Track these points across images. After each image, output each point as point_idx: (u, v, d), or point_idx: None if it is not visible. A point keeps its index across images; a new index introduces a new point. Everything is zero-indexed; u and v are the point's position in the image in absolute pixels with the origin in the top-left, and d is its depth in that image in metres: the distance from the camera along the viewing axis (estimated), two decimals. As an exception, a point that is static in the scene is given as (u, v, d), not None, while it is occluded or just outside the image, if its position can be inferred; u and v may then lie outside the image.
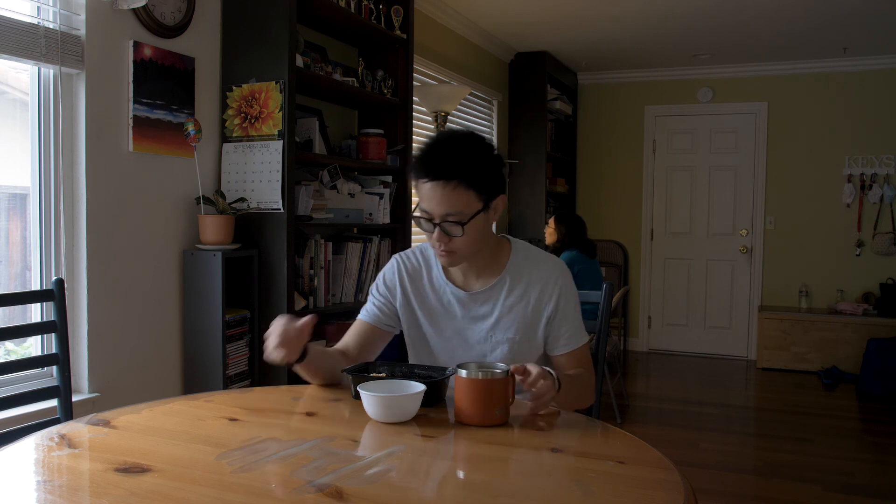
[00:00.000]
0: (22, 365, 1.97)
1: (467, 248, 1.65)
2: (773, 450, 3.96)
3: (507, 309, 1.72)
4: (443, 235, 1.62)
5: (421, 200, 1.64)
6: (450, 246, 1.64)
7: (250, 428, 1.37)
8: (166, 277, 2.68)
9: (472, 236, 1.63)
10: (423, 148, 1.65)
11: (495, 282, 1.73)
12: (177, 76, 2.66)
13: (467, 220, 1.60)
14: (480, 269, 1.75)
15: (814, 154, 6.19)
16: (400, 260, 1.83)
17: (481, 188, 1.61)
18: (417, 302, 1.79)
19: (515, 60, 5.88)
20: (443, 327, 1.77)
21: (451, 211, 1.59)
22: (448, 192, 1.58)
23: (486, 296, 1.74)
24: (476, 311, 1.74)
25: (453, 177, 1.58)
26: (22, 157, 2.34)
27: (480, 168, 1.62)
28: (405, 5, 3.60)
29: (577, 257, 4.38)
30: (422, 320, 1.79)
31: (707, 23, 4.94)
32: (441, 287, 1.77)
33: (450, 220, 1.60)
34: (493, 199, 1.65)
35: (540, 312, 1.72)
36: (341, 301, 3.25)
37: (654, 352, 6.72)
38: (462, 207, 1.59)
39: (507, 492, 1.13)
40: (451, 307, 1.76)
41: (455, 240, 1.63)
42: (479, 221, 1.63)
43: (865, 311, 5.83)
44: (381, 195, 3.49)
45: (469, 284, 1.76)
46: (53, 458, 1.22)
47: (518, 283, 1.73)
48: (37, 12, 2.26)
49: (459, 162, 1.59)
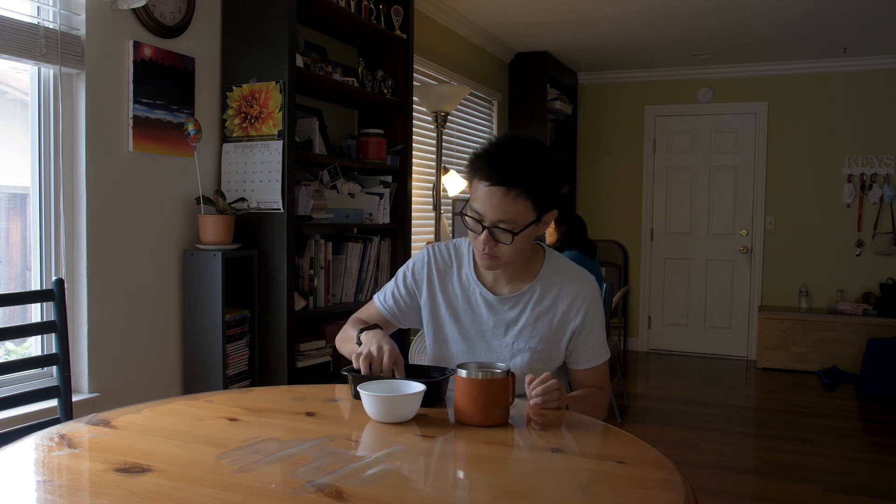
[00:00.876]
0: (22, 365, 1.97)
1: (512, 255, 1.63)
2: (773, 450, 3.96)
3: (534, 318, 1.71)
4: (490, 240, 1.60)
5: (474, 200, 1.60)
6: (494, 251, 1.62)
7: (250, 428, 1.37)
8: (166, 277, 2.68)
9: (519, 246, 1.62)
10: (488, 149, 1.61)
11: (526, 289, 1.72)
12: (177, 76, 2.66)
13: (519, 231, 1.58)
14: (513, 275, 1.73)
15: (814, 154, 6.19)
16: (432, 252, 1.81)
17: (539, 201, 1.58)
18: (443, 297, 1.78)
19: (515, 60, 5.88)
20: (466, 327, 1.76)
21: (505, 218, 1.57)
22: (507, 200, 1.55)
23: (515, 301, 1.72)
24: (502, 315, 1.73)
25: (516, 185, 1.54)
26: (22, 157, 2.34)
27: (543, 181, 1.59)
28: (405, 5, 3.60)
29: (576, 257, 4.38)
30: (445, 317, 1.78)
31: (707, 23, 4.94)
32: (470, 286, 1.76)
33: (501, 227, 1.58)
34: (547, 213, 1.63)
35: (565, 325, 1.71)
36: (341, 301, 3.25)
37: (654, 352, 6.72)
38: (517, 217, 1.57)
39: (507, 492, 1.13)
40: (477, 308, 1.75)
41: (501, 246, 1.61)
42: (529, 232, 1.61)
43: (865, 311, 5.83)
44: (381, 195, 3.49)
45: (498, 288, 1.75)
46: (53, 458, 1.22)
47: (548, 294, 1.72)
48: (37, 12, 2.26)
49: (525, 171, 1.56)
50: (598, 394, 1.74)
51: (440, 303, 1.78)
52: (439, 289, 1.78)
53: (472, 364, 1.45)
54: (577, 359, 1.74)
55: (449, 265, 1.79)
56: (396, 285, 1.82)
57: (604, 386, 1.76)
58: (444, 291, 1.78)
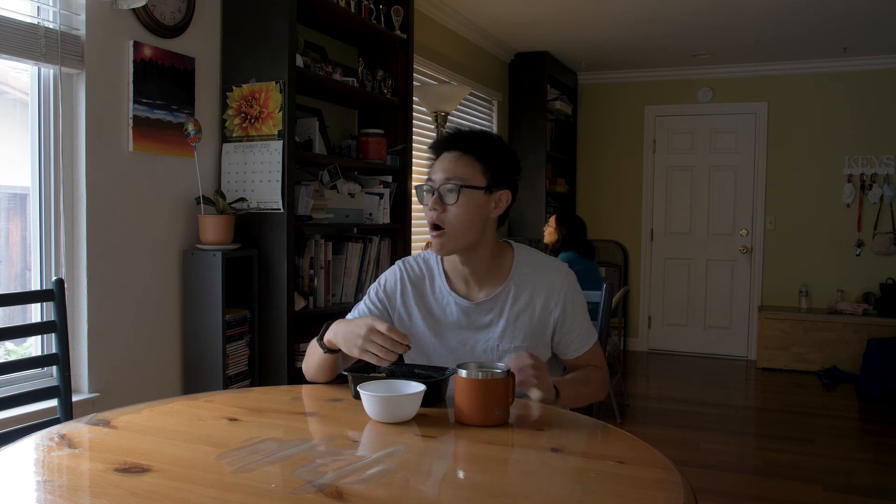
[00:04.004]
0: (22, 365, 1.97)
1: (457, 223, 1.63)
2: (773, 450, 3.96)
3: (514, 317, 1.71)
4: (438, 202, 1.64)
5: (431, 174, 1.68)
6: (441, 217, 1.63)
7: (250, 428, 1.37)
8: (166, 277, 2.68)
9: (464, 210, 1.63)
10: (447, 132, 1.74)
11: (500, 290, 1.71)
12: (177, 76, 2.66)
13: (466, 186, 1.63)
14: (483, 278, 1.73)
15: (814, 154, 6.19)
16: (403, 267, 1.80)
17: (490, 169, 1.66)
18: (420, 312, 1.76)
19: (515, 60, 5.88)
20: (447, 337, 1.75)
21: (453, 176, 1.63)
22: (459, 161, 1.65)
23: (491, 305, 1.72)
24: (481, 320, 1.72)
25: (468, 151, 1.66)
26: (22, 157, 2.34)
27: (495, 154, 1.68)
28: (405, 5, 3.60)
29: (575, 258, 4.39)
30: (424, 332, 1.75)
31: (707, 23, 4.94)
32: (444, 297, 1.75)
33: (449, 187, 1.63)
34: (497, 188, 1.67)
35: (546, 319, 1.71)
36: (341, 301, 3.25)
37: (654, 352, 6.72)
38: (466, 175, 1.63)
39: (507, 492, 1.13)
40: (454, 317, 1.73)
41: (448, 211, 1.63)
42: (476, 198, 1.64)
43: (865, 311, 5.83)
44: (381, 195, 3.49)
45: (472, 294, 1.74)
46: (53, 458, 1.22)
47: (523, 291, 1.71)
48: (37, 12, 2.26)
49: (478, 142, 1.68)
50: (593, 372, 1.75)
51: (417, 318, 1.76)
52: (414, 303, 1.76)
53: (472, 364, 1.45)
54: (566, 349, 1.75)
55: (422, 278, 1.78)
56: (369, 302, 1.79)
57: (599, 364, 1.78)
58: (420, 306, 1.76)
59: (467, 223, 1.64)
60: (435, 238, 1.66)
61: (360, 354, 1.51)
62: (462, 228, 1.64)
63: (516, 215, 5.81)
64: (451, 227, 1.64)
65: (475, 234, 1.67)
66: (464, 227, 1.64)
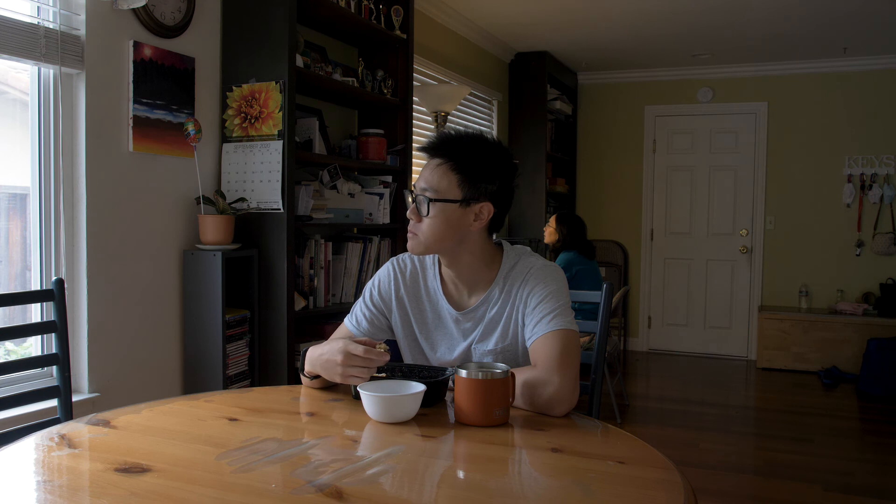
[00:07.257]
0: (22, 365, 1.96)
1: (430, 233, 1.61)
2: (773, 450, 3.96)
3: (493, 322, 1.67)
4: (413, 211, 1.63)
5: (418, 178, 1.66)
6: (415, 226, 1.63)
7: (250, 428, 1.37)
8: (166, 277, 2.68)
9: (435, 222, 1.59)
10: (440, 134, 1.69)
11: (484, 297, 1.67)
12: (177, 76, 2.66)
13: (436, 200, 1.58)
14: (472, 285, 1.69)
15: (814, 154, 6.19)
16: (396, 266, 1.78)
17: (468, 180, 1.59)
18: (413, 313, 1.74)
19: (515, 60, 5.88)
20: (437, 342, 1.73)
21: (427, 186, 1.60)
22: (437, 171, 1.60)
23: (474, 312, 1.68)
24: (468, 327, 1.69)
25: (444, 157, 1.60)
26: (22, 157, 2.34)
27: (481, 163, 1.60)
28: (405, 5, 3.60)
29: (575, 258, 4.40)
30: (417, 334, 1.74)
31: (707, 23, 4.94)
32: (437, 301, 1.73)
33: (424, 195, 1.60)
34: (476, 200, 1.60)
35: (518, 317, 1.65)
36: (341, 301, 3.25)
37: (654, 352, 6.72)
38: (440, 187, 1.59)
39: (507, 492, 1.13)
40: (445, 322, 1.71)
41: (422, 221, 1.61)
42: (449, 211, 1.59)
43: (865, 311, 5.83)
44: (381, 195, 3.48)
45: (463, 301, 1.71)
46: (53, 458, 1.22)
47: (502, 295, 1.66)
48: (37, 12, 2.26)
49: (462, 151, 1.60)
50: (525, 371, 1.51)
51: (411, 318, 1.74)
52: (409, 303, 1.74)
53: (472, 364, 1.45)
54: (528, 335, 1.60)
55: (416, 276, 1.76)
56: (365, 307, 1.77)
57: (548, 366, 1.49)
58: (414, 306, 1.74)
59: (439, 235, 1.61)
60: (409, 239, 1.66)
61: (343, 381, 1.50)
62: (434, 239, 1.62)
63: (516, 215, 5.81)
64: (423, 236, 1.63)
65: (450, 244, 1.63)
66: (435, 237, 1.61)
